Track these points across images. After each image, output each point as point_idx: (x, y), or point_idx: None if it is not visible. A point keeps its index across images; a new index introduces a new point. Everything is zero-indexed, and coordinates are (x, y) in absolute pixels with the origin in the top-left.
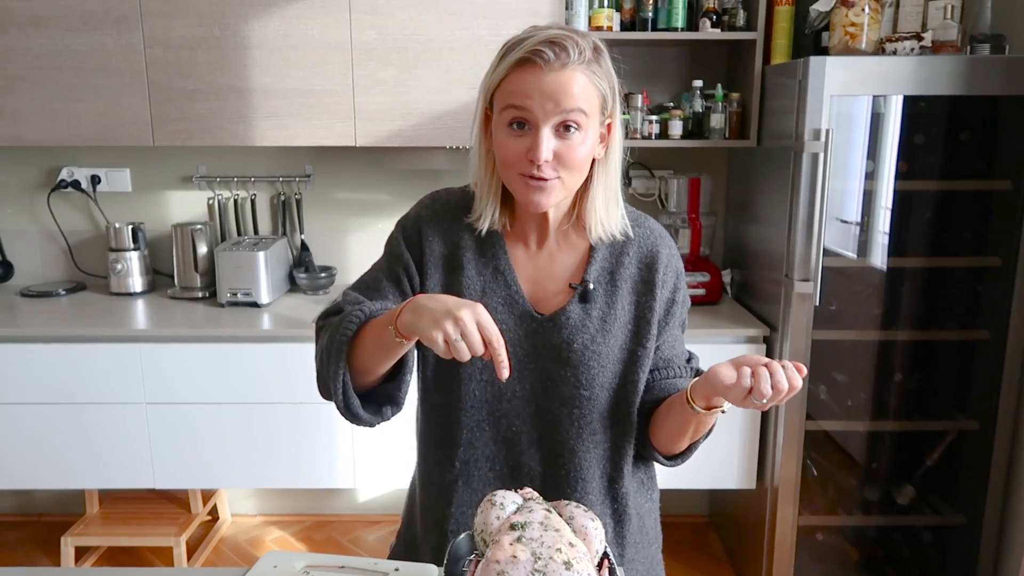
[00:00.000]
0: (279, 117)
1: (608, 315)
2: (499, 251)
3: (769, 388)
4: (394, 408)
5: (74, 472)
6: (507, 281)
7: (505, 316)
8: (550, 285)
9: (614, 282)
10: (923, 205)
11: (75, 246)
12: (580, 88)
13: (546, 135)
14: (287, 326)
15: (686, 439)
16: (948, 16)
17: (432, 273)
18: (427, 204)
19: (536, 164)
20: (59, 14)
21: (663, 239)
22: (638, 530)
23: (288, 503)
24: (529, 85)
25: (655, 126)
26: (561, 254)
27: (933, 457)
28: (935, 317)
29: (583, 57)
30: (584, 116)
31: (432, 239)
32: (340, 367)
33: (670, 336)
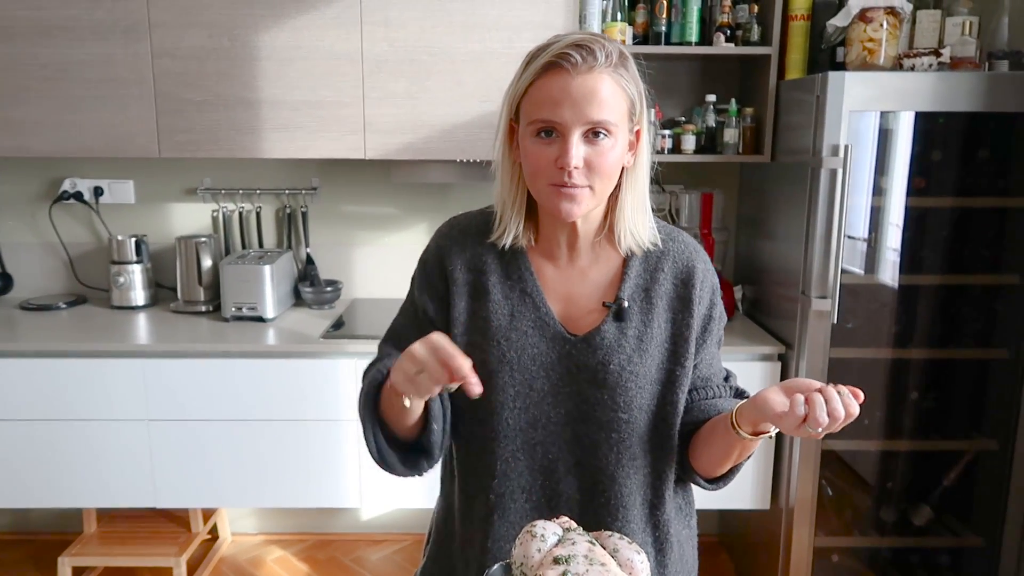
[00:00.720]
0: (288, 129)
1: (644, 334)
2: (525, 272)
3: (825, 416)
4: (428, 460)
5: (73, 490)
6: (536, 303)
7: (536, 339)
8: (583, 304)
9: (649, 299)
10: (940, 222)
11: (76, 259)
12: (608, 92)
13: (575, 141)
14: (293, 341)
15: (729, 462)
16: (966, 32)
17: (457, 303)
18: (445, 232)
19: (567, 171)
20: (66, 24)
21: (698, 253)
22: (679, 559)
23: (290, 522)
24: (557, 90)
25: (668, 141)
26: (593, 271)
27: (950, 477)
28: (952, 335)
29: (610, 60)
30: (613, 121)
31: (455, 267)
32: (370, 432)
33: (707, 354)
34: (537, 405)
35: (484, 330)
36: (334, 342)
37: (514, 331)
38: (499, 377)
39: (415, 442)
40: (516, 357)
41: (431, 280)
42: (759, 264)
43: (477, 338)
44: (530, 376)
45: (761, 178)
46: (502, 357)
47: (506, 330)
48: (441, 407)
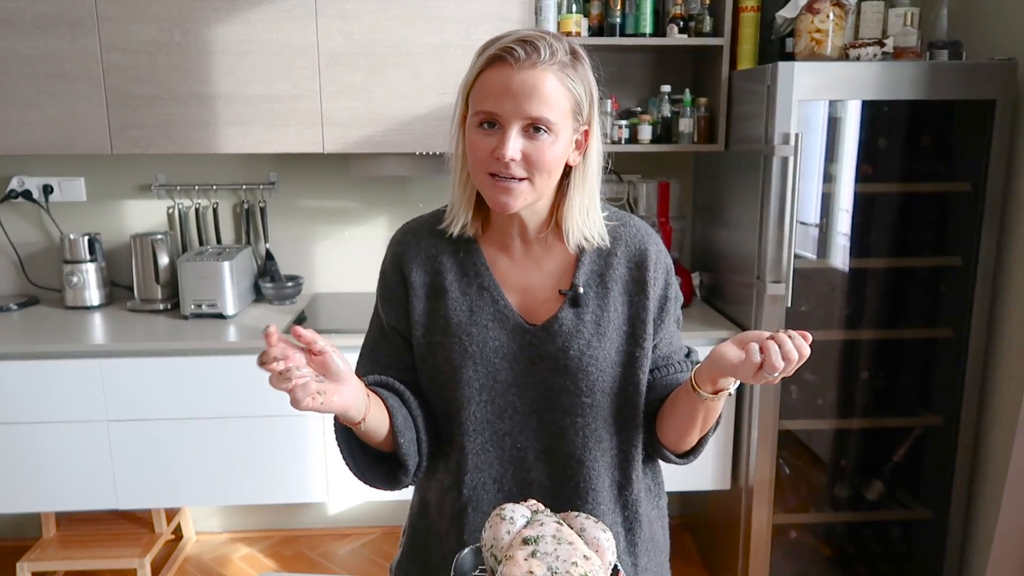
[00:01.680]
0: (244, 124)
1: (601, 318)
2: (480, 267)
3: (781, 360)
4: (404, 473)
5: (31, 495)
6: (493, 296)
7: (497, 332)
8: (539, 293)
9: (604, 284)
10: (886, 207)
11: (26, 259)
12: (550, 89)
13: (513, 134)
14: (253, 337)
15: (696, 430)
16: (908, 23)
17: (416, 305)
18: (399, 239)
19: (502, 162)
20: (8, 17)
21: (650, 236)
22: (649, 538)
23: (255, 519)
24: (499, 83)
25: (624, 131)
26: (547, 260)
27: (900, 453)
28: (899, 316)
29: (555, 58)
30: (554, 118)
31: (412, 271)
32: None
33: (667, 333)
34: (503, 396)
35: (445, 328)
36: None
37: (474, 326)
38: (463, 372)
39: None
40: (478, 351)
41: (391, 289)
42: (716, 251)
43: (439, 337)
44: (493, 368)
45: (716, 167)
46: (464, 352)
47: (466, 325)
48: (410, 420)
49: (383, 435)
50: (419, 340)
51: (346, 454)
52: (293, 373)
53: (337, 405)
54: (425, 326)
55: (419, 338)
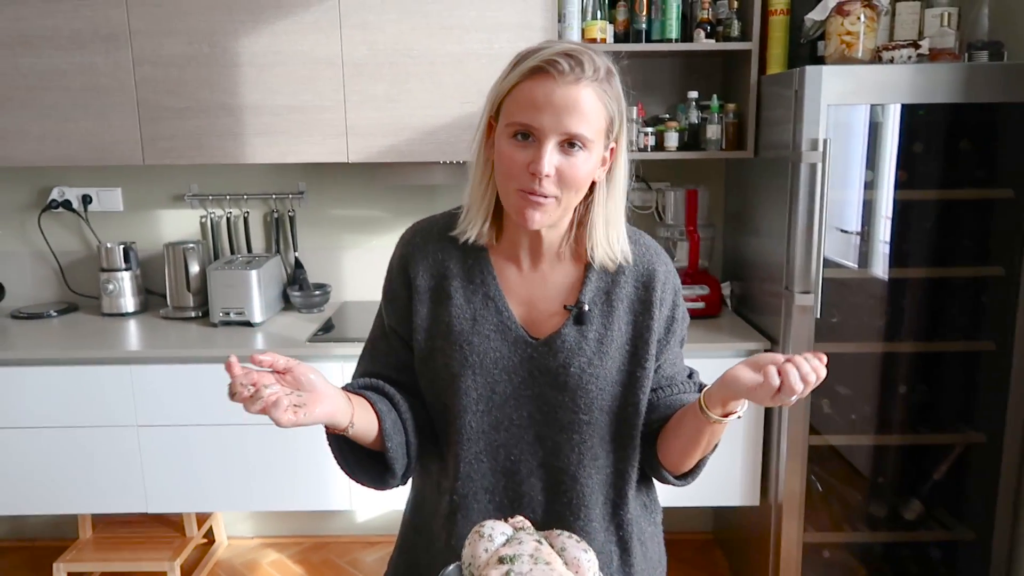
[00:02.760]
0: (270, 134)
1: (605, 337)
2: (487, 275)
3: (800, 383)
4: (391, 475)
5: (66, 497)
6: (498, 307)
7: (498, 343)
8: (544, 307)
9: (610, 302)
10: (924, 214)
11: (67, 267)
12: (590, 106)
13: (550, 149)
14: (281, 345)
15: (698, 452)
16: (945, 24)
17: (419, 309)
18: (408, 239)
19: (537, 178)
20: (47, 33)
21: (659, 256)
22: (642, 556)
23: (285, 525)
24: (540, 95)
25: (651, 138)
26: (555, 275)
27: (940, 471)
28: (939, 328)
29: (597, 75)
30: (590, 135)
31: (418, 273)
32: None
33: (671, 354)
34: (500, 408)
35: (446, 334)
36: (321, 345)
37: (476, 335)
38: (462, 381)
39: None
40: (478, 361)
41: (395, 290)
42: (746, 260)
43: (440, 343)
44: (492, 379)
45: (746, 174)
46: (464, 361)
47: (468, 334)
48: (399, 423)
49: (372, 438)
50: (420, 344)
51: (336, 453)
52: (262, 392)
53: (320, 415)
54: (427, 330)
55: (420, 342)
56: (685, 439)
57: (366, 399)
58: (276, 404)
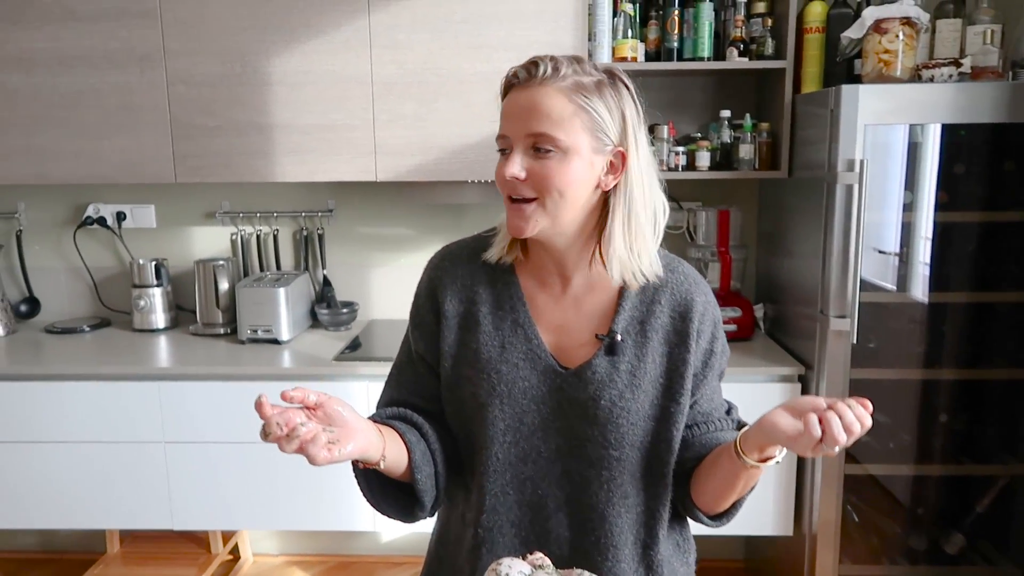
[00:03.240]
0: (300, 152)
1: (638, 368)
2: (517, 301)
3: (843, 434)
4: (420, 508)
5: (93, 512)
6: (527, 334)
7: (527, 372)
8: (575, 335)
9: (644, 332)
10: (966, 237)
11: (100, 282)
12: (551, 105)
13: (516, 153)
14: (307, 363)
15: (734, 495)
16: (988, 41)
17: (447, 335)
18: (436, 264)
19: (510, 182)
20: (84, 53)
21: (698, 286)
22: None
23: (311, 543)
24: (507, 107)
25: (682, 157)
26: (587, 300)
27: (983, 503)
28: (982, 354)
29: (558, 75)
30: (559, 135)
31: (447, 299)
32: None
33: (708, 388)
34: (527, 439)
35: (474, 362)
36: (347, 364)
37: (504, 363)
38: (489, 411)
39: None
40: (507, 390)
41: (422, 315)
42: (780, 282)
43: (467, 370)
44: (520, 410)
45: (779, 194)
46: (492, 390)
47: (496, 362)
48: (428, 454)
49: (402, 470)
50: (447, 371)
51: (363, 485)
52: (298, 431)
53: (354, 451)
54: (454, 357)
55: (447, 369)
56: (720, 481)
57: (395, 429)
58: (313, 441)
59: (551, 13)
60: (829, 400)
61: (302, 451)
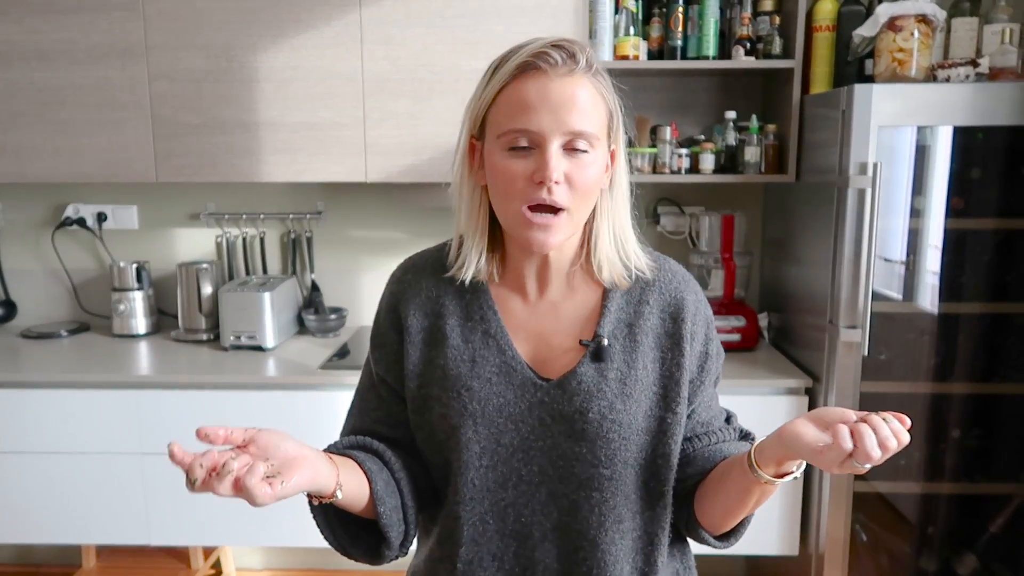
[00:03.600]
0: (288, 152)
1: (628, 376)
2: (487, 310)
3: (878, 449)
4: (387, 546)
5: (69, 526)
6: (500, 345)
7: (502, 387)
8: (557, 343)
9: (633, 336)
10: (981, 245)
11: (80, 285)
12: (588, 100)
13: (555, 151)
14: (292, 372)
15: (744, 512)
16: (1006, 40)
17: (411, 353)
18: (398, 277)
19: (546, 186)
20: (63, 47)
21: (688, 284)
22: None
23: (295, 558)
24: (533, 94)
25: (685, 160)
26: (568, 304)
27: (997, 523)
28: (996, 368)
29: (591, 66)
30: (595, 132)
31: (409, 314)
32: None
33: (706, 396)
34: (506, 462)
35: (442, 381)
36: (334, 373)
37: (476, 379)
38: (462, 433)
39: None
40: (479, 408)
41: (383, 333)
42: (786, 290)
43: (435, 390)
44: (497, 430)
45: (786, 199)
46: (463, 410)
47: (467, 379)
48: (393, 484)
49: (363, 504)
50: (413, 392)
51: (321, 524)
52: (231, 466)
53: (301, 483)
54: (420, 376)
55: (413, 390)
56: (729, 498)
57: (353, 459)
58: (251, 472)
59: (551, 8)
60: (860, 413)
61: (238, 490)
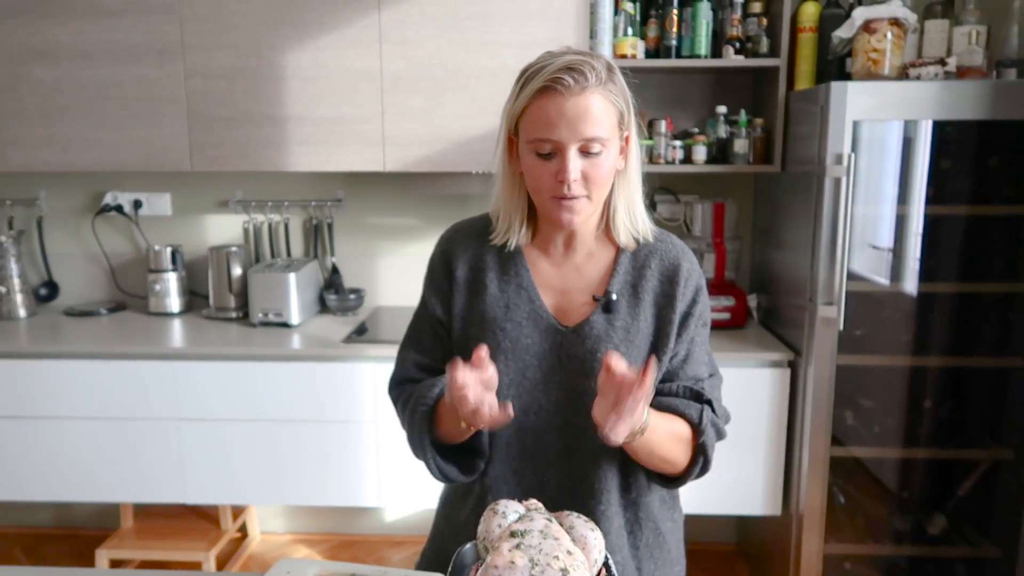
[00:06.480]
0: (312, 143)
1: (631, 326)
2: (521, 268)
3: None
4: (482, 458)
5: (110, 486)
6: (530, 296)
7: (530, 330)
8: (575, 297)
9: (636, 294)
10: (952, 230)
11: (117, 268)
12: (599, 109)
13: (572, 156)
14: (316, 346)
15: (643, 461)
16: (973, 41)
17: (457, 300)
18: (449, 236)
19: (566, 184)
20: (106, 47)
21: (685, 253)
22: (657, 545)
23: (316, 522)
24: (553, 112)
25: (679, 151)
26: (587, 266)
27: (965, 487)
28: (966, 344)
29: (600, 79)
30: (605, 135)
31: (459, 266)
32: (428, 455)
33: (681, 349)
34: (530, 392)
35: (480, 323)
36: (355, 346)
37: (509, 322)
38: (495, 366)
39: (465, 445)
40: (511, 347)
41: (437, 282)
42: (773, 273)
43: (474, 331)
44: (523, 365)
45: (773, 188)
46: (497, 347)
47: (501, 321)
48: None
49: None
50: (457, 333)
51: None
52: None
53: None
54: (463, 319)
55: (457, 330)
56: None
57: None
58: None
59: (555, 11)
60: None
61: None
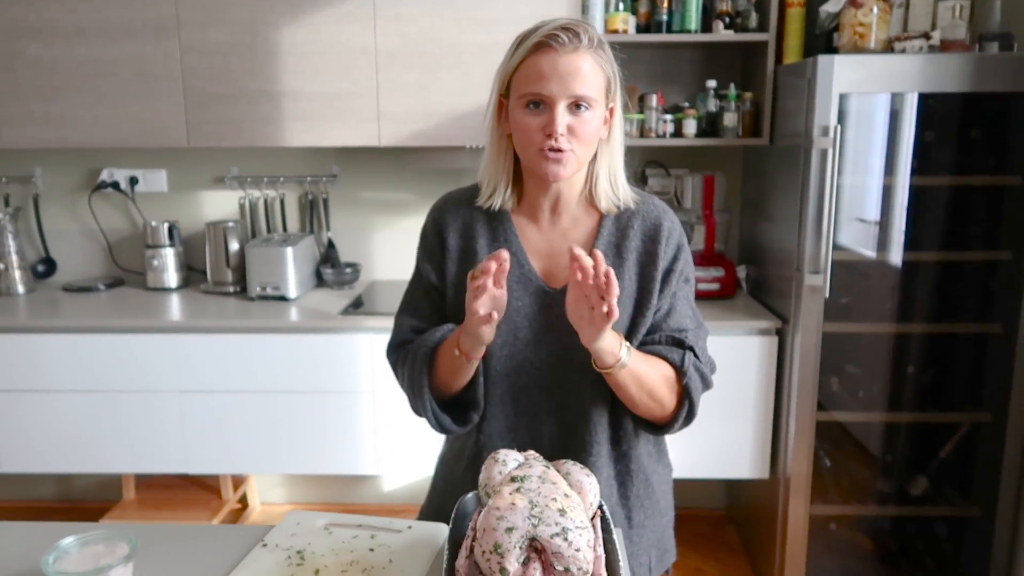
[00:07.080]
0: (307, 119)
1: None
2: (510, 234)
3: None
4: (477, 411)
5: (112, 457)
6: (519, 260)
7: (520, 293)
8: (562, 260)
9: (620, 254)
10: (935, 201)
11: (114, 244)
12: (589, 70)
13: (561, 111)
14: (313, 318)
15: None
16: (957, 15)
17: (450, 267)
18: (440, 206)
19: (553, 136)
20: (101, 24)
21: (666, 213)
22: (646, 495)
23: (316, 492)
24: (546, 66)
25: (670, 125)
26: (573, 231)
27: (946, 449)
28: (948, 311)
29: (592, 43)
30: (592, 95)
31: (449, 234)
32: (425, 399)
33: (664, 304)
34: (522, 352)
35: None
36: (352, 318)
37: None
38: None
39: (458, 397)
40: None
41: (430, 250)
42: (761, 244)
43: (467, 296)
44: (515, 326)
45: (762, 161)
46: None
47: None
48: None
49: (468, 377)
50: (450, 298)
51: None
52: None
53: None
54: (456, 286)
55: (450, 297)
56: None
57: None
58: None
59: None
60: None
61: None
